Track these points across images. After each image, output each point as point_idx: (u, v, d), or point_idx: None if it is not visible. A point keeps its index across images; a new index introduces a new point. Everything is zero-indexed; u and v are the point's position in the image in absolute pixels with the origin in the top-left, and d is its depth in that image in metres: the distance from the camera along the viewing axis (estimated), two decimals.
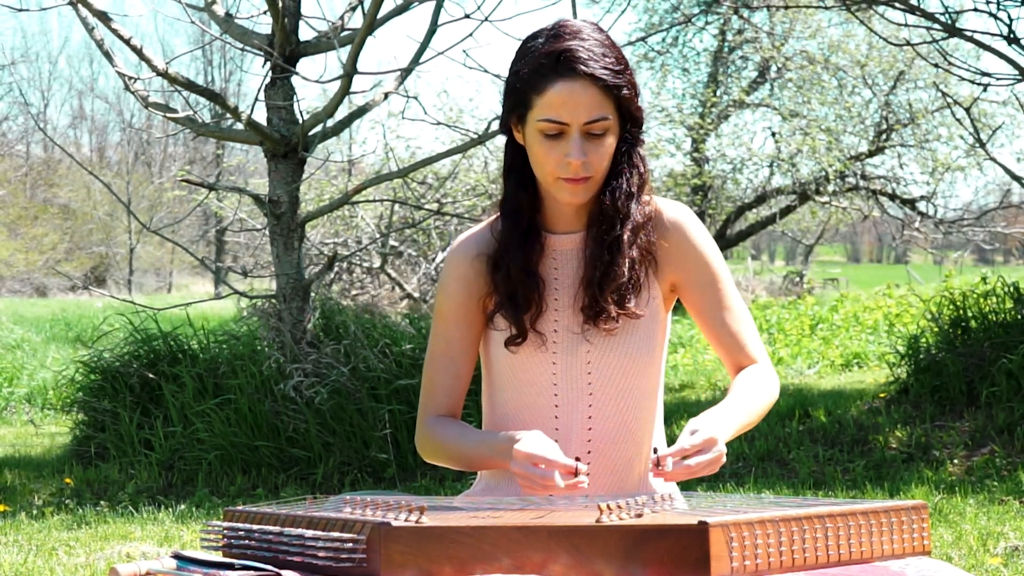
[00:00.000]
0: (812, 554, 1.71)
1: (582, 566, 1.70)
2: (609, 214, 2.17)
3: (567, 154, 2.10)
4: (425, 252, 11.86)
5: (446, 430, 2.24)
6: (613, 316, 2.15)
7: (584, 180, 2.13)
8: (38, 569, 4.20)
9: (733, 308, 2.22)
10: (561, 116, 2.09)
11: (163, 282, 34.72)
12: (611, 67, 2.10)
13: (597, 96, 2.09)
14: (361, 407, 6.15)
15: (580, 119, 2.09)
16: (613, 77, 2.10)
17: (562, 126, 2.10)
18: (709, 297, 2.21)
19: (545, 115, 2.10)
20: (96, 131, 39.00)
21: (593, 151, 2.11)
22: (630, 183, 2.18)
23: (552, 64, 2.09)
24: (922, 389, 6.78)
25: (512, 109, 2.16)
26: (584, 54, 2.08)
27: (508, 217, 2.22)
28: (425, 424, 2.27)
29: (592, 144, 2.11)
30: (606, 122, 2.11)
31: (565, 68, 2.08)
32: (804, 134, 15.04)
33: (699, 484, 5.81)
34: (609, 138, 2.13)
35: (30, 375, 11.37)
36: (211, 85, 32.56)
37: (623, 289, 2.15)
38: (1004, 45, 7.23)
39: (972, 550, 4.06)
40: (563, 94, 2.09)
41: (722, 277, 2.22)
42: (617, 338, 2.17)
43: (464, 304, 2.24)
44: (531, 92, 2.11)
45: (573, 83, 2.08)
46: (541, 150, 2.13)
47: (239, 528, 1.93)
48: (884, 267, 45.51)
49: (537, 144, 2.13)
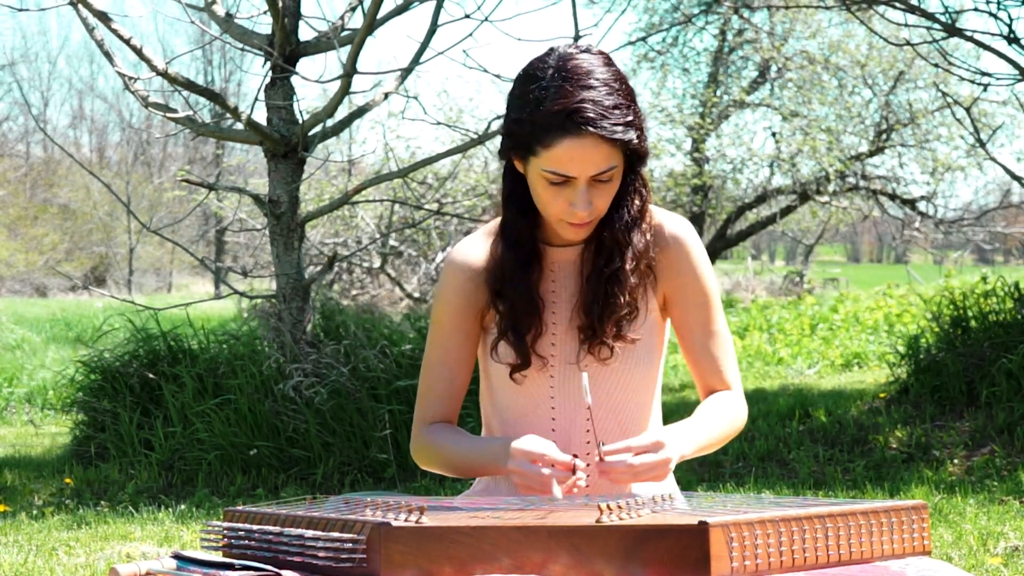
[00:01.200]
0: (812, 554, 1.71)
1: (582, 566, 1.70)
2: (607, 246, 2.15)
3: (573, 203, 2.07)
4: (425, 252, 11.86)
5: (440, 437, 2.23)
6: (609, 346, 2.14)
7: (589, 223, 2.12)
8: (38, 569, 4.20)
9: (718, 333, 2.21)
10: (569, 171, 2.05)
11: (163, 282, 34.71)
12: (621, 120, 2.04)
13: (605, 150, 2.05)
14: (361, 407, 6.15)
15: (588, 173, 2.06)
16: (623, 132, 2.04)
17: (568, 178, 2.07)
18: (697, 318, 2.20)
19: (551, 167, 2.05)
20: (96, 131, 39.01)
21: (598, 196, 2.09)
22: (631, 211, 2.16)
23: (560, 122, 2.03)
24: (922, 389, 6.78)
25: (514, 148, 2.11)
26: (593, 112, 2.02)
27: (510, 245, 2.19)
28: (420, 431, 2.26)
29: (597, 190, 2.09)
30: (613, 170, 2.08)
31: (574, 127, 2.02)
32: (804, 134, 15.03)
33: (699, 484, 5.81)
34: (615, 181, 2.10)
35: (30, 375, 11.37)
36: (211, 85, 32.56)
37: (622, 321, 2.14)
38: (1004, 45, 7.24)
39: (972, 550, 4.06)
40: (571, 151, 2.04)
41: (713, 300, 2.21)
42: (604, 362, 2.16)
43: (461, 315, 2.23)
44: (536, 144, 2.06)
45: (582, 140, 2.03)
46: (545, 195, 2.09)
47: (239, 528, 1.93)
48: (884, 267, 45.51)
49: (541, 188, 2.09)
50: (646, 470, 1.95)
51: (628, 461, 1.95)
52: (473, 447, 2.18)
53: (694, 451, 2.09)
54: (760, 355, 11.36)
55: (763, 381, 9.60)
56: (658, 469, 1.96)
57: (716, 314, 2.21)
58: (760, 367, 10.62)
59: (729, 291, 20.83)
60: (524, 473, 2.01)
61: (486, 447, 2.15)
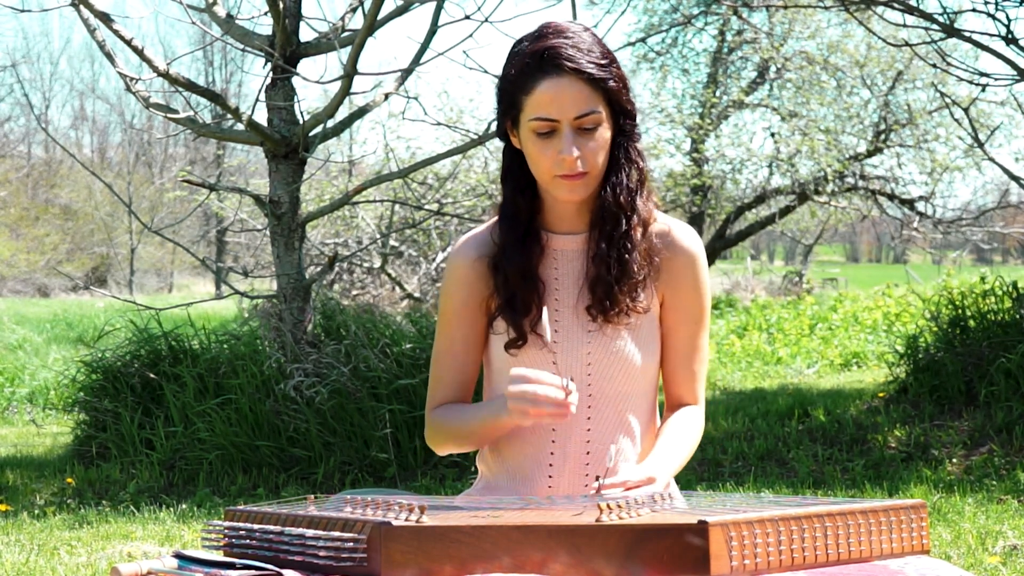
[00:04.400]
0: (811, 553, 1.72)
1: (582, 565, 1.71)
2: (612, 210, 2.18)
3: (560, 151, 2.12)
4: (425, 252, 11.86)
5: (447, 414, 2.27)
6: (626, 311, 2.17)
7: (581, 176, 2.14)
8: (40, 568, 4.21)
9: (701, 349, 2.25)
10: (550, 113, 2.11)
11: (164, 282, 34.70)
12: (596, 61, 2.12)
13: (584, 90, 2.11)
14: (362, 407, 6.16)
15: (569, 114, 2.11)
16: (599, 70, 2.11)
17: (552, 123, 2.11)
18: (687, 331, 2.23)
19: (535, 114, 2.12)
20: (97, 132, 39.00)
21: (586, 146, 2.12)
22: (629, 179, 2.19)
23: (537, 63, 2.11)
24: (921, 388, 6.79)
25: (505, 113, 2.18)
26: (568, 51, 2.10)
27: (506, 221, 2.23)
28: (430, 415, 2.30)
29: (584, 139, 2.12)
30: (596, 115, 2.12)
31: (550, 65, 2.10)
32: (803, 134, 15.04)
33: (699, 483, 5.82)
34: (602, 132, 2.14)
35: (32, 375, 11.38)
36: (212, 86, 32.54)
37: (636, 285, 2.17)
38: (1002, 45, 7.25)
39: (971, 549, 4.07)
40: (550, 91, 2.10)
41: (705, 318, 2.25)
42: (618, 339, 2.18)
43: (466, 305, 2.25)
44: (520, 93, 2.13)
45: (559, 79, 2.10)
46: (535, 149, 2.14)
47: (240, 527, 1.94)
48: (883, 267, 45.49)
49: (531, 144, 2.14)
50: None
51: (624, 495, 1.97)
52: (476, 409, 2.22)
53: (673, 474, 2.14)
54: (759, 355, 11.37)
55: (762, 381, 9.61)
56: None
57: (704, 331, 2.25)
58: (759, 367, 10.63)
59: (728, 291, 20.82)
60: (519, 393, 2.03)
61: (488, 404, 2.19)
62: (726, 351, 11.69)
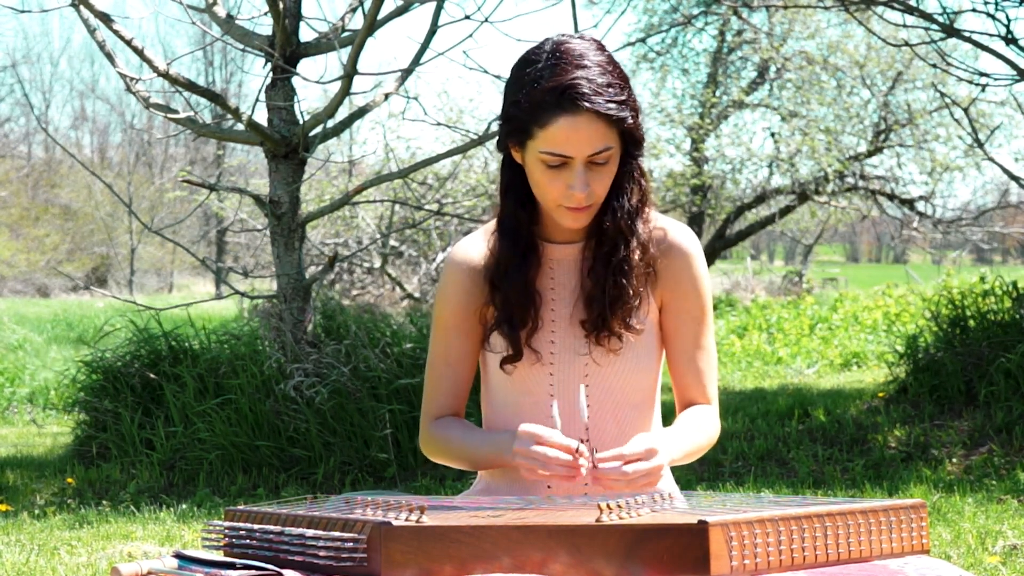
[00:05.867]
0: (811, 553, 1.72)
1: (582, 565, 1.71)
2: (611, 234, 2.16)
3: (570, 186, 2.09)
4: (425, 252, 11.87)
5: (449, 430, 2.25)
6: (618, 335, 2.15)
7: (587, 208, 2.12)
8: (40, 568, 4.21)
9: (706, 348, 2.23)
10: (565, 150, 2.07)
11: (164, 282, 34.69)
12: (615, 98, 2.07)
13: (601, 128, 2.07)
14: (362, 407, 6.16)
15: (584, 152, 2.07)
16: (617, 109, 2.07)
17: (565, 159, 2.08)
18: (689, 330, 2.21)
19: (548, 148, 2.07)
20: (97, 132, 38.99)
21: (596, 179, 2.10)
22: (631, 201, 2.17)
23: (555, 99, 2.05)
24: (921, 388, 6.79)
25: (511, 135, 2.13)
26: (587, 88, 2.05)
27: (508, 235, 2.20)
28: (428, 425, 2.28)
29: (595, 173, 2.10)
30: (609, 152, 2.09)
31: (569, 103, 2.05)
32: (803, 134, 15.04)
33: (699, 483, 5.82)
34: (612, 165, 2.11)
35: (32, 375, 11.38)
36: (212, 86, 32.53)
37: (630, 310, 2.15)
38: (1002, 45, 7.25)
39: (971, 549, 4.07)
40: (566, 129, 2.06)
41: (707, 315, 2.22)
42: (616, 352, 2.17)
43: (462, 313, 2.24)
44: (533, 125, 2.08)
45: (577, 118, 2.05)
46: (543, 179, 2.11)
47: (240, 527, 1.94)
48: (883, 267, 45.49)
49: (539, 172, 2.11)
50: (639, 476, 1.97)
51: (621, 468, 1.96)
52: (481, 439, 2.20)
53: (676, 460, 2.12)
54: (759, 355, 11.37)
55: (762, 381, 9.61)
56: (651, 476, 1.98)
57: (708, 329, 2.22)
58: (759, 367, 10.63)
59: (728, 291, 20.82)
60: (528, 453, 2.02)
61: (493, 438, 2.16)
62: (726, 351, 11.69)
